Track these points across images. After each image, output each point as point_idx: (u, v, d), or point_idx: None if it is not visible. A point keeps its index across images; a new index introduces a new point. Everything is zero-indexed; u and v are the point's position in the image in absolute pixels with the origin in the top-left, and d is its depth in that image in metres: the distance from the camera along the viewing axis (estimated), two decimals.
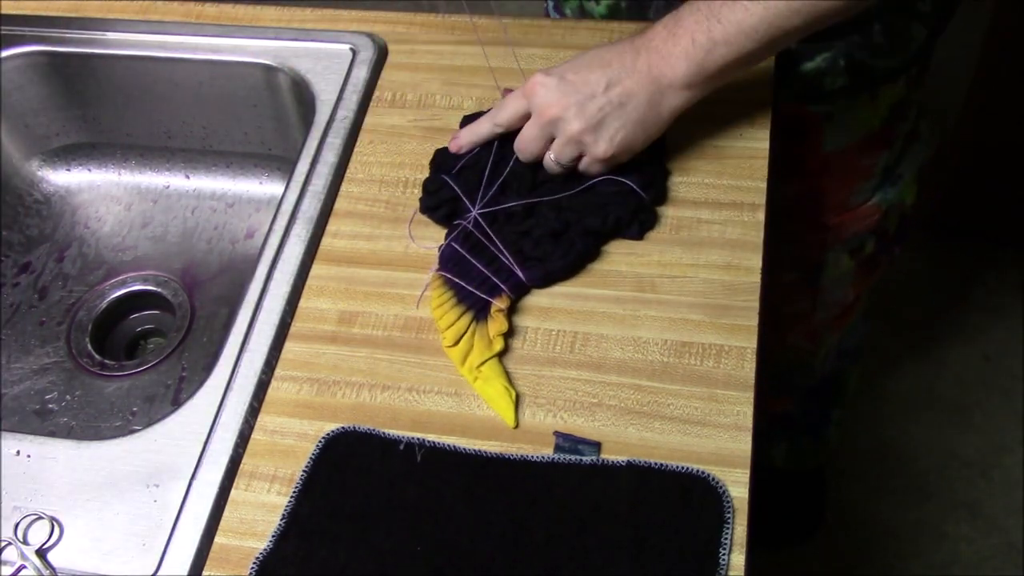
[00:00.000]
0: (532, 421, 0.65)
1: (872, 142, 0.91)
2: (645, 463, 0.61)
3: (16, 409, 0.85)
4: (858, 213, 0.97)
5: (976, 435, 1.55)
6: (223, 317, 0.90)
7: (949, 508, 1.50)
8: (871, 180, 0.95)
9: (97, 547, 0.62)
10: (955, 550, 1.46)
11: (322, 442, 0.64)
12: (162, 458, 0.64)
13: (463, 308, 0.69)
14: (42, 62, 0.92)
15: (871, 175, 0.94)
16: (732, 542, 0.58)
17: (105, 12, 0.94)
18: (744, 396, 0.64)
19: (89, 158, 0.99)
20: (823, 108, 0.87)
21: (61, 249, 0.96)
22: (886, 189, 0.96)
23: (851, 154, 0.91)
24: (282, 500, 0.62)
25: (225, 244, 0.95)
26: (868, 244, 1.01)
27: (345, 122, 0.82)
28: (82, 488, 0.64)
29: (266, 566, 0.59)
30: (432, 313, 0.70)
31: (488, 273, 0.70)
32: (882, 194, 0.96)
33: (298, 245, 0.74)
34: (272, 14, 0.91)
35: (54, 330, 0.90)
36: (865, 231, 0.99)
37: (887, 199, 0.97)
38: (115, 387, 0.87)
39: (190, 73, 0.90)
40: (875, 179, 0.95)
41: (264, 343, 0.69)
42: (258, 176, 0.97)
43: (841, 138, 0.90)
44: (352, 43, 0.87)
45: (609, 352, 0.67)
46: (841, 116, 0.88)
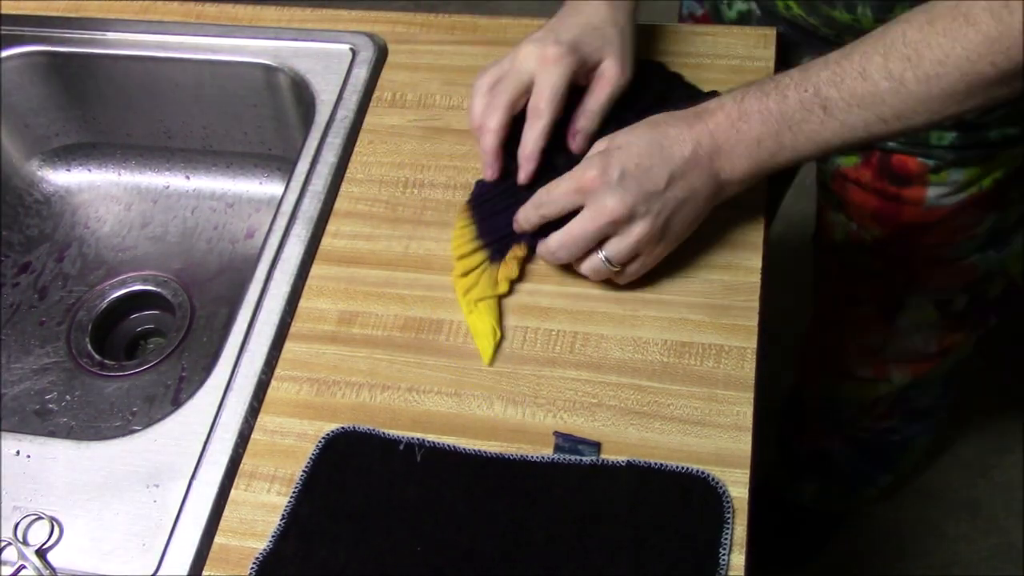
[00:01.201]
0: (532, 421, 0.65)
1: (980, 203, 0.86)
2: (645, 463, 0.61)
3: (16, 409, 0.85)
4: (951, 268, 0.92)
5: (976, 435, 1.55)
6: (223, 317, 0.90)
7: (949, 508, 1.50)
8: (972, 240, 0.89)
9: (97, 547, 0.62)
10: (955, 550, 1.46)
11: (322, 442, 0.64)
12: (162, 458, 0.64)
13: (479, 244, 0.72)
14: (42, 62, 0.92)
15: (974, 235, 0.89)
16: (732, 542, 0.58)
17: (105, 12, 0.94)
18: (744, 396, 0.64)
19: (89, 158, 0.99)
20: (932, 161, 0.83)
21: (61, 249, 0.96)
22: (988, 252, 0.91)
23: (955, 212, 0.86)
24: (282, 500, 0.62)
25: (225, 244, 0.95)
26: (959, 301, 0.96)
27: (345, 122, 0.82)
28: (82, 488, 0.64)
29: (266, 566, 0.59)
30: (451, 242, 0.73)
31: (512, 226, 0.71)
32: (982, 255, 0.91)
33: (298, 245, 0.74)
34: (272, 14, 0.91)
35: (54, 330, 0.90)
36: (957, 287, 0.94)
37: (988, 262, 0.92)
38: (115, 387, 0.87)
39: (190, 73, 0.90)
40: (979, 239, 0.89)
41: (264, 343, 0.69)
42: (258, 176, 0.97)
43: (947, 195, 0.85)
44: (352, 43, 0.87)
45: (609, 352, 0.67)
46: (949, 171, 0.83)
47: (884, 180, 0.86)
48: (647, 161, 0.65)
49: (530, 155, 0.72)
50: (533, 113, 0.71)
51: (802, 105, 0.62)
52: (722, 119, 0.65)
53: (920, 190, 0.85)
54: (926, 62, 0.58)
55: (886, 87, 0.59)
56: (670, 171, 0.65)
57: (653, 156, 0.65)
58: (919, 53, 0.58)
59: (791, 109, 0.63)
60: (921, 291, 0.95)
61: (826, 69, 0.62)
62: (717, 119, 0.65)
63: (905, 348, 1.03)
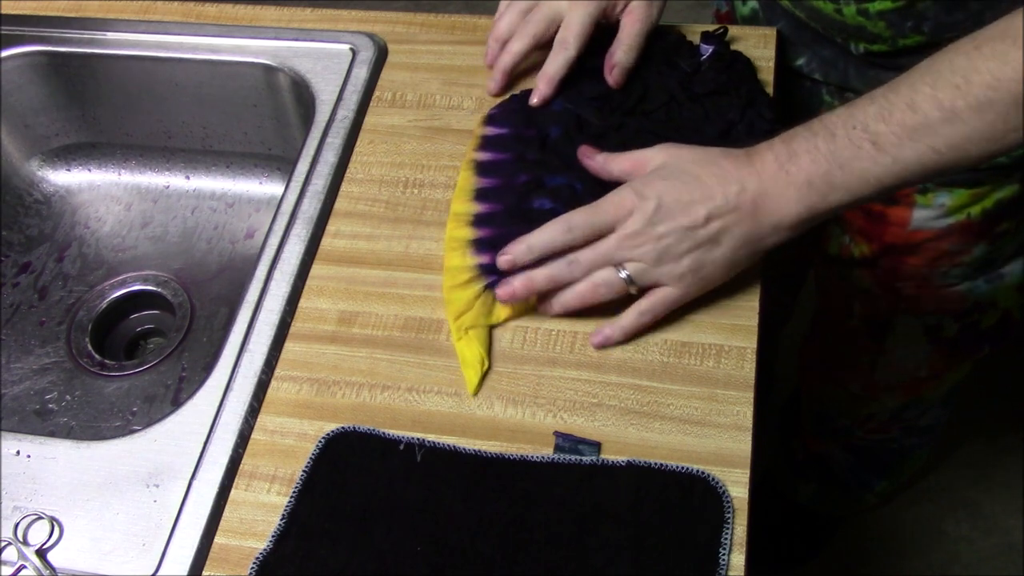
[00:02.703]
0: (532, 421, 0.65)
1: (968, 231, 0.85)
2: (645, 463, 0.61)
3: (16, 409, 0.85)
4: (939, 294, 0.91)
5: (976, 435, 1.55)
6: (223, 317, 0.90)
7: (949, 508, 1.50)
8: (960, 268, 0.88)
9: (97, 547, 0.62)
10: (955, 550, 1.46)
11: (322, 442, 0.64)
12: (162, 458, 0.64)
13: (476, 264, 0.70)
14: (42, 62, 0.92)
15: (961, 263, 0.88)
16: (732, 542, 0.58)
17: (105, 12, 0.94)
18: (744, 396, 0.64)
19: (89, 158, 0.99)
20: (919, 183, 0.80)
21: (61, 249, 0.96)
22: (978, 282, 0.90)
23: (940, 237, 0.86)
24: (282, 500, 0.62)
25: (225, 244, 0.95)
26: (949, 327, 0.95)
27: (345, 122, 0.82)
28: (82, 488, 0.64)
29: (266, 566, 0.59)
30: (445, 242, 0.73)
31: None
32: (971, 285, 0.90)
33: (298, 245, 0.74)
34: (272, 14, 0.91)
35: (54, 330, 0.90)
36: (945, 313, 0.93)
37: (977, 293, 0.90)
38: (115, 387, 0.87)
39: (190, 73, 0.90)
40: (965, 268, 0.88)
41: (264, 343, 0.69)
42: (258, 176, 0.97)
43: (932, 219, 0.84)
44: (352, 43, 0.87)
45: (609, 352, 0.67)
46: (936, 194, 0.83)
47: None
48: (686, 196, 0.63)
49: (551, 78, 0.76)
50: (560, 44, 0.76)
51: (851, 142, 0.60)
52: (770, 160, 0.63)
53: (905, 211, 0.85)
54: (976, 88, 0.55)
55: (937, 117, 0.57)
56: (708, 210, 0.63)
57: (693, 192, 0.63)
58: (968, 80, 0.56)
59: (840, 147, 0.60)
60: (909, 314, 0.94)
61: (872, 104, 0.60)
62: (766, 160, 0.63)
63: (895, 370, 1.02)
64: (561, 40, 0.76)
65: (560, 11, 0.76)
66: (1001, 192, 0.83)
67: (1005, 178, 0.82)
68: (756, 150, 0.64)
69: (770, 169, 0.63)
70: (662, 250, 0.64)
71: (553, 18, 0.77)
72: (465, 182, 0.75)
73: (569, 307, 0.67)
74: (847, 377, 1.09)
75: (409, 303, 0.71)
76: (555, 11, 0.77)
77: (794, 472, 1.35)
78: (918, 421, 1.12)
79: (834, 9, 0.75)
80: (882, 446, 1.20)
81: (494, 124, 0.78)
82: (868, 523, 1.48)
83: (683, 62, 0.78)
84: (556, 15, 0.77)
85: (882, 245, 0.89)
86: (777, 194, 0.62)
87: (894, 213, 0.86)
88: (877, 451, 1.22)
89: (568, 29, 0.76)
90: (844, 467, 1.26)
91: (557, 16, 0.77)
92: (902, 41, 0.75)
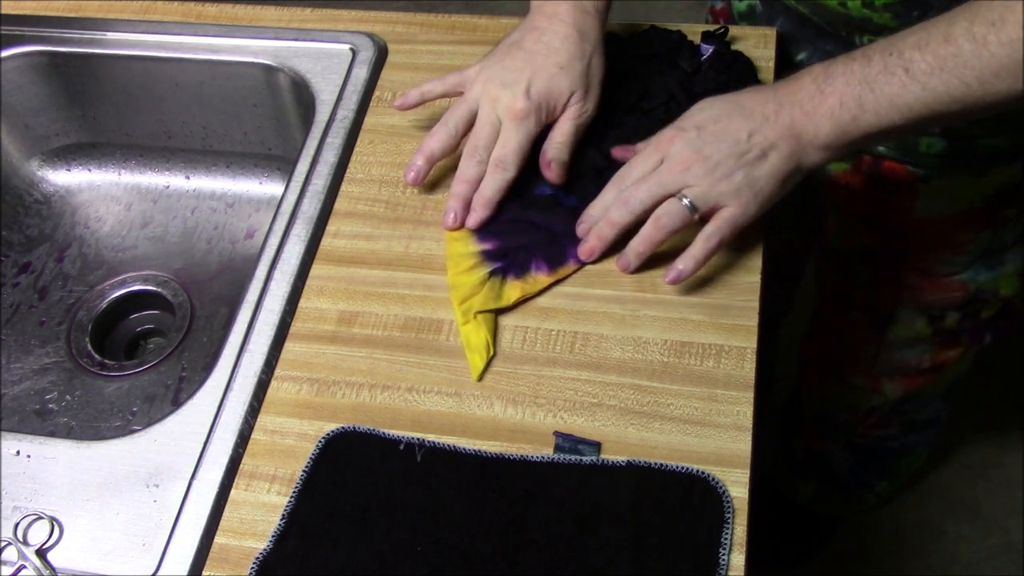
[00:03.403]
0: (532, 421, 0.65)
1: (971, 219, 0.86)
2: (645, 463, 0.61)
3: (16, 409, 0.85)
4: (941, 283, 0.92)
5: (976, 435, 1.55)
6: (223, 317, 0.90)
7: (949, 508, 1.50)
8: (963, 256, 0.89)
9: (97, 547, 0.61)
10: (955, 550, 1.46)
11: (322, 442, 0.64)
12: (162, 458, 0.64)
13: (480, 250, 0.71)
14: (42, 62, 0.92)
15: (963, 251, 0.89)
16: (732, 542, 0.58)
17: (105, 12, 0.94)
18: (744, 396, 0.64)
19: (89, 158, 0.99)
20: (921, 170, 0.83)
21: (61, 249, 0.96)
22: (979, 270, 0.91)
23: (944, 225, 0.87)
24: (282, 500, 0.62)
25: (225, 244, 0.95)
26: (950, 318, 0.95)
27: (345, 122, 0.82)
28: (82, 488, 0.64)
29: (266, 566, 0.59)
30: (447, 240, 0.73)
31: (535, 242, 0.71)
32: (973, 273, 0.91)
33: (298, 245, 0.74)
34: (272, 14, 0.91)
35: (54, 330, 0.90)
36: (947, 304, 0.94)
37: (978, 281, 0.91)
38: (115, 387, 0.87)
39: (190, 73, 0.90)
40: (968, 256, 0.89)
41: (264, 343, 0.69)
42: (258, 176, 0.97)
43: (936, 206, 0.85)
44: (352, 43, 0.87)
45: (609, 352, 0.67)
46: (939, 183, 0.83)
47: (873, 187, 0.85)
48: (725, 118, 0.66)
49: (487, 202, 0.73)
50: (498, 164, 0.73)
51: (885, 68, 0.61)
52: (808, 81, 0.65)
53: (909, 199, 0.85)
54: (1010, 25, 0.57)
55: (968, 49, 0.58)
56: (750, 127, 0.65)
57: (732, 114, 0.66)
58: (1003, 17, 0.57)
59: (874, 71, 0.62)
60: (911, 304, 0.95)
61: (913, 35, 0.61)
62: (803, 81, 0.65)
63: (897, 362, 1.02)
64: (499, 159, 0.73)
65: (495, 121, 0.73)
66: (1004, 179, 0.83)
67: (1007, 164, 0.82)
68: (796, 75, 0.66)
69: (807, 89, 0.65)
70: (712, 168, 0.65)
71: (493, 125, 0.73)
72: None
73: (642, 253, 0.68)
74: (849, 371, 1.08)
75: (409, 303, 0.71)
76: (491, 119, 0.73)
77: (794, 472, 1.35)
78: (918, 415, 1.12)
79: (838, 3, 0.75)
80: (882, 444, 1.20)
81: None
82: (868, 523, 1.48)
83: (684, 62, 0.78)
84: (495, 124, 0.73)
85: (885, 234, 0.89)
86: (811, 110, 0.64)
87: (897, 202, 0.86)
88: (877, 450, 1.22)
89: (506, 147, 0.73)
90: (844, 467, 1.26)
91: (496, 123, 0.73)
92: None
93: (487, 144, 0.73)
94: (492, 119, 0.73)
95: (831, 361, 1.12)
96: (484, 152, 0.73)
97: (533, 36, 0.74)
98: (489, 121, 0.73)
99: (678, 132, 0.67)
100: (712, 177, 0.65)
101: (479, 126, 0.73)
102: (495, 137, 0.73)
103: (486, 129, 0.73)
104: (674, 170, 0.66)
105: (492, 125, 0.73)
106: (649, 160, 0.68)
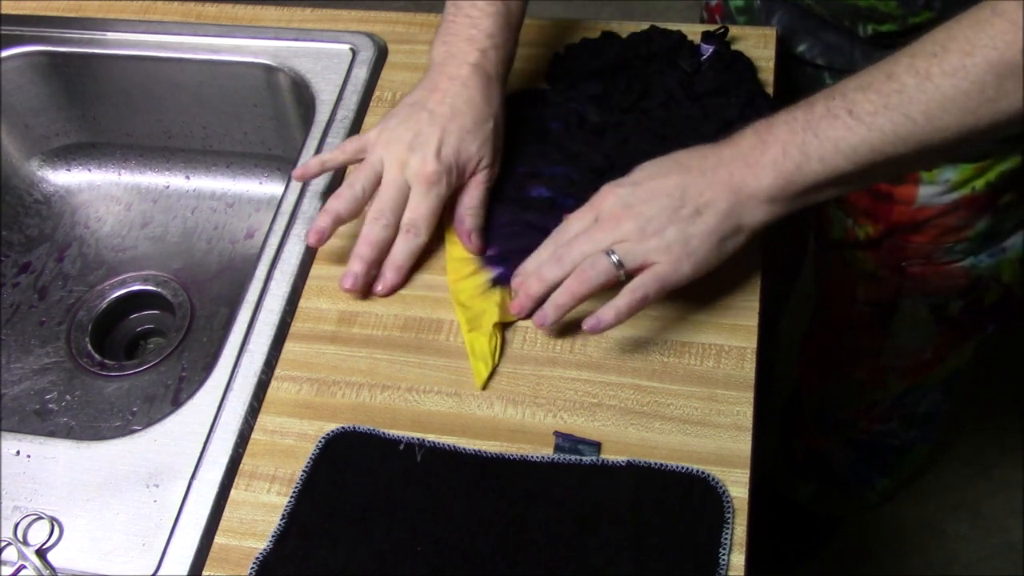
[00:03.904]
0: (532, 421, 0.65)
1: (972, 205, 0.85)
2: (645, 463, 0.61)
3: (16, 409, 0.85)
4: (943, 270, 0.91)
5: (976, 435, 1.55)
6: (223, 317, 0.90)
7: (949, 508, 1.50)
8: (964, 243, 0.89)
9: (97, 547, 0.62)
10: (955, 550, 1.46)
11: (322, 442, 0.64)
12: (162, 458, 0.64)
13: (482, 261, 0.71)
14: (42, 62, 0.92)
15: (965, 238, 0.88)
16: (732, 542, 0.58)
17: (105, 12, 0.94)
18: (744, 396, 0.64)
19: (89, 158, 0.99)
20: None
21: (61, 249, 0.96)
22: (981, 257, 0.90)
23: (945, 211, 0.86)
24: (282, 500, 0.62)
25: (225, 244, 0.95)
26: (953, 306, 0.95)
27: (345, 122, 0.82)
28: (82, 488, 0.64)
29: (266, 566, 0.59)
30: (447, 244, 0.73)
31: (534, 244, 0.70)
32: (974, 260, 0.90)
33: (298, 245, 0.74)
34: (272, 14, 0.91)
35: (54, 330, 0.90)
36: (950, 291, 0.93)
37: (980, 267, 0.91)
38: (115, 387, 0.87)
39: (190, 73, 0.90)
40: (969, 243, 0.89)
41: (264, 343, 0.69)
42: (258, 176, 0.97)
43: (937, 194, 0.85)
44: (352, 43, 0.87)
45: (609, 352, 0.67)
46: (941, 170, 0.83)
47: None
48: (662, 174, 0.64)
49: (399, 268, 0.72)
50: (410, 229, 0.72)
51: (828, 111, 0.60)
52: (749, 134, 0.63)
53: (912, 188, 0.85)
54: (952, 55, 0.55)
55: (912, 83, 0.57)
56: (684, 184, 0.63)
57: (669, 170, 0.64)
58: (945, 47, 0.56)
59: (817, 116, 0.60)
60: (915, 294, 0.95)
61: (855, 79, 0.60)
62: (744, 134, 0.64)
63: (901, 353, 1.02)
64: (410, 224, 0.71)
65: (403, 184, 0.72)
66: (1004, 164, 0.83)
67: (1008, 150, 0.82)
68: (739, 131, 0.64)
69: (748, 141, 0.63)
70: (644, 224, 0.63)
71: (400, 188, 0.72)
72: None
73: (562, 305, 0.65)
74: (851, 366, 1.08)
75: (409, 303, 0.71)
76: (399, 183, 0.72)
77: (794, 472, 1.35)
78: (917, 408, 1.12)
79: None
80: (883, 440, 1.20)
81: None
82: (868, 523, 1.48)
83: (684, 62, 0.78)
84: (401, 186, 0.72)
85: (888, 225, 0.89)
86: (752, 162, 0.62)
87: (900, 192, 0.86)
88: (878, 446, 1.22)
89: (416, 211, 0.71)
90: (844, 465, 1.26)
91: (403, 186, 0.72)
92: (912, 19, 0.75)
93: (394, 207, 0.71)
94: (399, 182, 0.71)
95: (833, 358, 1.12)
96: (391, 215, 0.71)
97: (437, 97, 0.72)
98: (396, 184, 0.71)
99: (613, 189, 0.65)
100: (643, 233, 0.63)
101: (385, 188, 0.71)
102: (402, 200, 0.72)
103: (392, 191, 0.71)
104: (606, 227, 0.64)
105: (399, 188, 0.71)
106: (584, 218, 0.66)
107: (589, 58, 0.80)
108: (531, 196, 0.74)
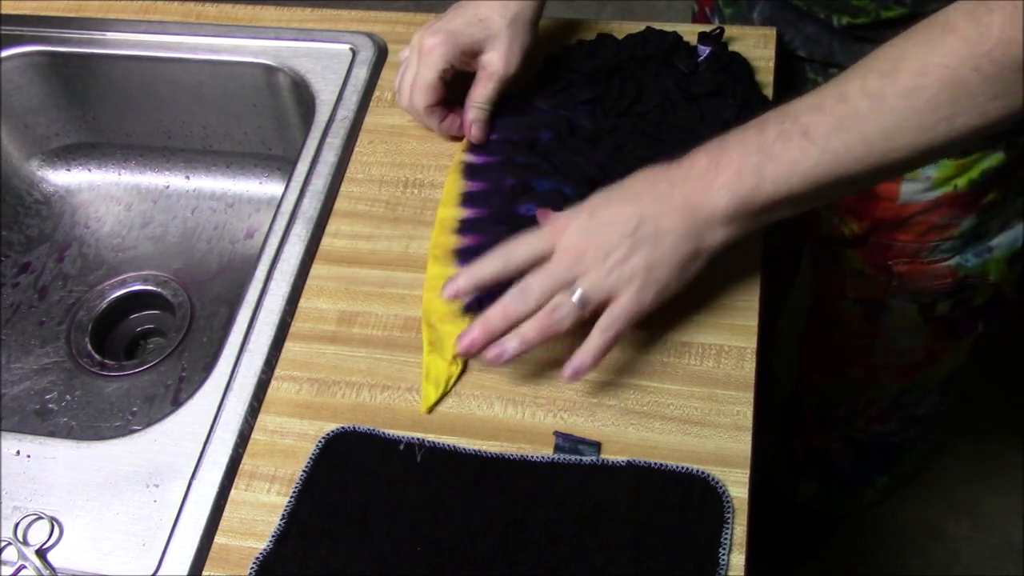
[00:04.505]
0: (532, 421, 0.65)
1: (955, 203, 0.85)
2: (645, 463, 0.61)
3: (16, 409, 0.85)
4: (929, 269, 0.91)
5: (976, 435, 1.55)
6: (223, 317, 0.90)
7: (949, 508, 1.50)
8: (949, 241, 0.88)
9: (97, 547, 0.62)
10: (955, 550, 1.46)
11: (322, 442, 0.64)
12: (162, 458, 0.64)
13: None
14: (42, 62, 0.92)
15: (950, 237, 0.88)
16: (732, 542, 0.58)
17: (105, 12, 0.94)
18: (744, 396, 0.64)
19: (89, 158, 0.99)
20: None
21: (61, 249, 0.96)
22: (967, 256, 0.90)
23: (928, 209, 0.86)
24: (282, 500, 0.62)
25: (225, 244, 0.95)
26: (941, 306, 0.94)
27: (345, 122, 0.82)
28: (82, 488, 0.64)
29: (266, 566, 0.59)
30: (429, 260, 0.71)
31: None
32: (960, 259, 0.90)
33: (298, 245, 0.74)
34: (272, 14, 0.91)
35: (54, 330, 0.90)
36: (938, 291, 0.93)
37: (967, 267, 0.90)
38: (115, 387, 0.87)
39: (190, 73, 0.90)
40: (955, 242, 0.88)
41: (264, 343, 0.69)
42: (258, 176, 0.97)
43: (919, 191, 0.85)
44: (352, 43, 0.87)
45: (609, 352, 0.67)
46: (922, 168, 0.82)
47: None
48: (617, 203, 0.63)
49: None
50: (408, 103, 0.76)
51: (781, 134, 0.59)
52: (701, 157, 0.62)
53: (894, 185, 0.85)
54: (904, 75, 0.55)
55: (865, 105, 0.56)
56: (640, 212, 0.62)
57: (625, 197, 0.63)
58: (897, 67, 0.56)
59: (770, 139, 0.59)
60: (902, 293, 0.95)
61: (806, 100, 0.59)
62: (696, 158, 0.62)
63: (892, 352, 1.02)
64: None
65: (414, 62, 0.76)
66: (986, 162, 0.83)
67: (991, 148, 0.82)
68: (691, 153, 0.63)
69: (701, 164, 0.62)
70: (605, 255, 0.62)
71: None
72: (452, 185, 0.75)
73: (529, 340, 0.62)
74: (846, 363, 1.09)
75: (409, 303, 0.71)
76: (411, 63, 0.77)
77: (794, 471, 1.35)
78: (916, 409, 1.12)
79: None
80: (883, 439, 1.20)
81: None
82: (868, 523, 1.48)
83: (680, 63, 0.78)
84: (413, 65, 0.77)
85: (872, 221, 0.89)
86: (706, 185, 0.61)
87: (883, 188, 0.86)
88: (878, 445, 1.22)
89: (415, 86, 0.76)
90: (844, 463, 1.26)
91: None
92: (884, 13, 0.75)
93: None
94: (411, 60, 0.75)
95: (828, 354, 1.12)
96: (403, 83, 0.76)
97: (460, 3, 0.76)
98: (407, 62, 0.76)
99: (571, 218, 0.63)
100: (605, 265, 0.61)
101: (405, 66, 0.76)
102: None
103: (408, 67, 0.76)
104: (566, 260, 0.62)
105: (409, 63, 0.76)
106: (539, 242, 0.63)
107: (584, 60, 0.79)
108: (520, 213, 0.72)
